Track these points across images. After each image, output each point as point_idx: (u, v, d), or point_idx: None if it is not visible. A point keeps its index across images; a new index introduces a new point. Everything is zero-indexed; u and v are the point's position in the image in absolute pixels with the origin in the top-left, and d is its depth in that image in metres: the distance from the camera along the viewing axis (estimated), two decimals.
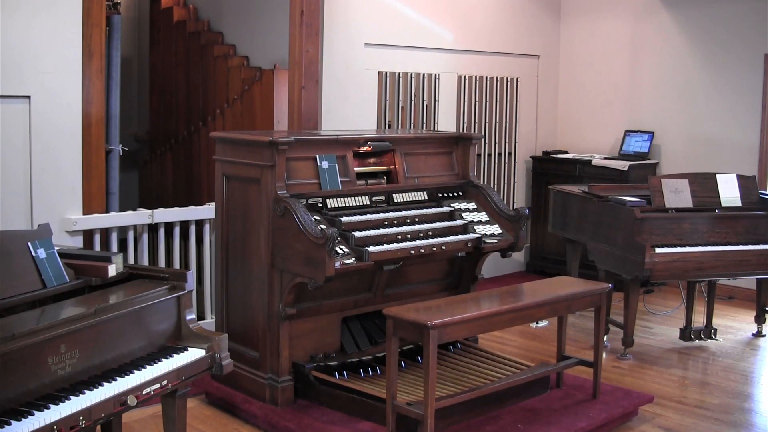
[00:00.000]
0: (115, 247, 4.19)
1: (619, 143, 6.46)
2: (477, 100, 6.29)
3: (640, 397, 3.85)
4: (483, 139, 6.31)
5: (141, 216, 4.31)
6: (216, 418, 3.69)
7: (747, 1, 5.79)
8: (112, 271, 2.78)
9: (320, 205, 3.66)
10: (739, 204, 4.53)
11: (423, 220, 3.91)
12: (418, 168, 4.09)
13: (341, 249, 3.46)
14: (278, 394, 3.62)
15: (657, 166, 6.26)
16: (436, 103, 5.98)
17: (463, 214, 4.05)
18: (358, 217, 3.69)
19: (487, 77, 6.35)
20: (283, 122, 5.27)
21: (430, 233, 3.83)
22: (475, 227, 3.99)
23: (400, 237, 3.72)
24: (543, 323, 5.18)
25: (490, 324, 3.42)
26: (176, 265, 4.58)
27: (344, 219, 3.62)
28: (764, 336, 5.02)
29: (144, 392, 2.43)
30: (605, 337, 4.74)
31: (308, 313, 3.69)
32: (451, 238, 3.85)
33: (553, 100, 6.91)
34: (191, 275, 2.78)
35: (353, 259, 3.45)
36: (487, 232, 3.99)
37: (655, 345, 4.84)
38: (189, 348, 2.69)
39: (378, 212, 3.81)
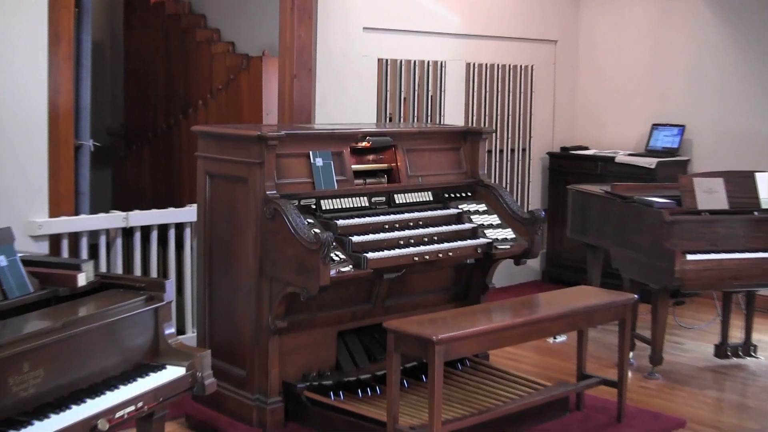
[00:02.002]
0: (85, 254, 4.18)
1: (646, 138, 6.46)
2: (487, 90, 6.28)
3: (670, 421, 3.84)
4: (494, 134, 6.31)
5: (114, 219, 4.31)
6: None
7: None
8: (82, 280, 2.77)
9: (314, 206, 3.66)
10: None
11: (427, 223, 3.91)
12: (422, 166, 4.09)
13: (337, 255, 3.45)
14: (267, 417, 3.60)
15: (688, 163, 6.26)
16: (442, 93, 5.97)
17: (472, 217, 4.05)
18: (356, 220, 3.69)
19: (498, 65, 6.34)
20: (273, 115, 5.27)
21: (436, 238, 3.83)
22: (485, 231, 3.99)
23: (402, 242, 3.72)
24: (561, 338, 5.17)
25: (502, 339, 3.41)
26: (154, 273, 4.57)
27: (340, 222, 3.62)
28: None
29: (117, 415, 2.41)
30: (630, 353, 4.72)
31: (300, 326, 3.68)
32: (459, 243, 3.85)
33: (572, 91, 6.90)
34: (170, 285, 2.77)
35: (350, 266, 3.45)
36: (499, 237, 3.99)
37: (687, 363, 4.83)
38: (167, 366, 2.68)
39: (378, 214, 3.81)
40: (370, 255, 3.52)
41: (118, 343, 2.60)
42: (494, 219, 4.08)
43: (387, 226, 3.77)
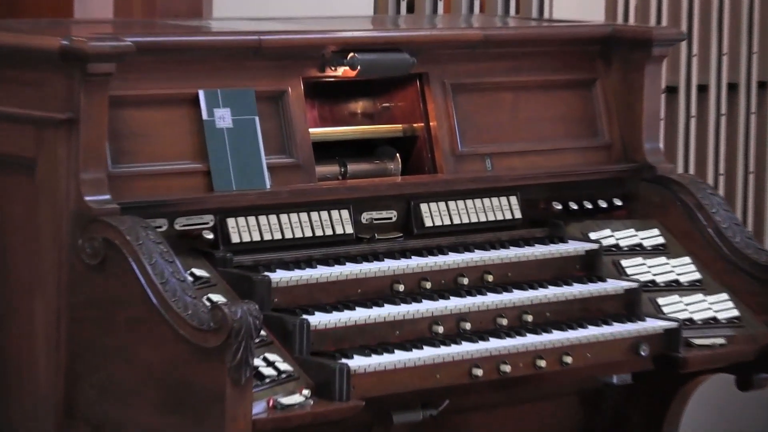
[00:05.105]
0: None
1: None
2: None
3: None
4: (685, 46, 6.37)
5: None
6: None
7: None
8: None
9: (210, 235, 3.72)
10: None
11: (507, 278, 3.97)
12: (493, 127, 4.19)
13: (271, 364, 3.48)
14: None
15: None
16: None
17: (624, 263, 4.11)
18: (320, 271, 3.75)
19: None
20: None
21: (530, 318, 3.88)
22: (659, 301, 4.03)
23: (441, 328, 3.75)
24: None
25: None
26: None
27: (278, 276, 3.69)
28: None
29: None
30: None
31: None
32: (593, 331, 3.90)
33: None
34: None
35: (305, 392, 3.47)
36: (698, 316, 4.06)
37: None
38: None
39: (375, 257, 3.88)
40: (355, 363, 3.57)
41: None
42: (685, 267, 4.16)
43: (402, 288, 3.81)
